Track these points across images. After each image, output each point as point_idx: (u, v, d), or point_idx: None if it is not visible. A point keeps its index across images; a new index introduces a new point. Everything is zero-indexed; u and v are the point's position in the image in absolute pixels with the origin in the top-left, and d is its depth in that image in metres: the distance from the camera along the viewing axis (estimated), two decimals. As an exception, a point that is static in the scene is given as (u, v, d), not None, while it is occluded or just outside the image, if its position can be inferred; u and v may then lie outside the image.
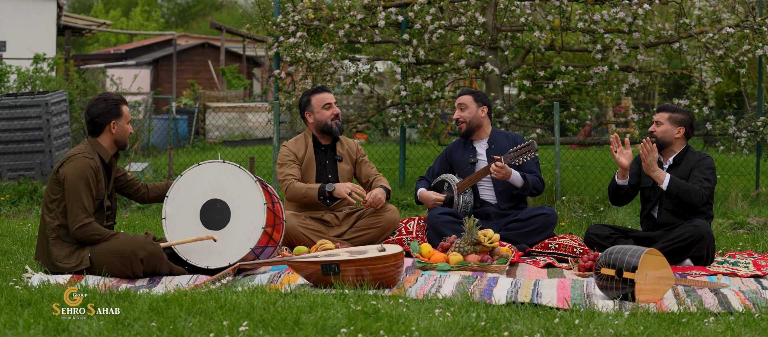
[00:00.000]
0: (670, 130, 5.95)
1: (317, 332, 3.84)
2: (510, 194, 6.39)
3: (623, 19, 9.12)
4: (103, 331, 3.83)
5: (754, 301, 4.57)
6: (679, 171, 5.91)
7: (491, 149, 6.46)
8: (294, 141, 6.42)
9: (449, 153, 6.66)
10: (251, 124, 18.94)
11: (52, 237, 5.21)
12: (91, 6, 46.92)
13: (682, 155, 5.95)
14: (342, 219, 6.30)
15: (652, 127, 6.00)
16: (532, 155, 6.16)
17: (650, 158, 5.76)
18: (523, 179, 6.28)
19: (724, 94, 17.92)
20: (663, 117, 5.96)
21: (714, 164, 5.92)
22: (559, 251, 6.06)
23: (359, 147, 6.54)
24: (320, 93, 6.37)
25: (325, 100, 6.32)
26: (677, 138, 5.95)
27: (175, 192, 5.41)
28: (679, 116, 5.95)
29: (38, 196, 8.98)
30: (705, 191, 5.77)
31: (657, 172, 5.78)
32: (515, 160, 6.17)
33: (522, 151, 6.16)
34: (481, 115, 6.48)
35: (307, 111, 6.37)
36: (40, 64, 12.38)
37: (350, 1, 9.44)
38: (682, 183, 5.76)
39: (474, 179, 6.35)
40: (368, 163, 6.49)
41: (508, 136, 6.55)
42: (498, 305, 4.45)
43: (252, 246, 5.27)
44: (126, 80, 20.25)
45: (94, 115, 5.33)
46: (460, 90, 6.69)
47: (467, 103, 6.48)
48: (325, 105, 6.31)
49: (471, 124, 6.48)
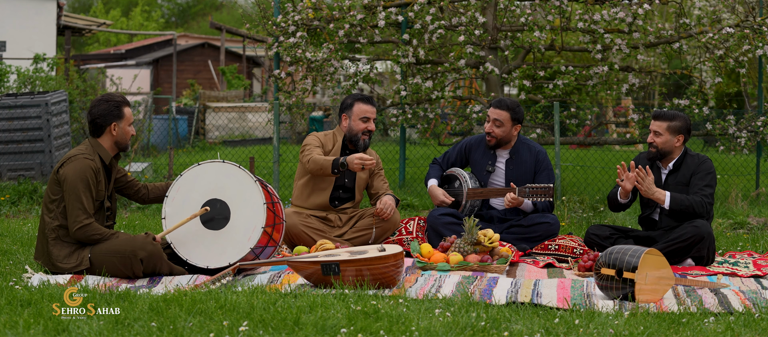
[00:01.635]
0: (670, 140, 5.90)
1: (317, 332, 3.84)
2: (518, 211, 6.37)
3: (623, 19, 9.12)
4: (103, 331, 3.83)
5: (754, 301, 4.57)
6: (679, 176, 5.89)
7: (511, 161, 6.38)
8: (324, 135, 6.39)
9: (468, 148, 6.56)
10: (251, 124, 18.94)
11: (52, 237, 5.21)
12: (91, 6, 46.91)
13: (681, 160, 5.93)
14: (371, 225, 6.24)
15: (651, 137, 5.93)
16: (548, 200, 6.07)
17: (646, 184, 5.74)
18: (533, 205, 6.26)
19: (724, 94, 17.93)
20: (661, 127, 5.89)
21: (713, 167, 5.90)
22: (559, 251, 6.06)
23: (379, 160, 6.51)
24: (365, 104, 6.30)
25: (365, 113, 6.26)
26: (677, 146, 5.93)
27: (175, 192, 5.41)
28: (677, 124, 5.89)
29: (38, 196, 8.98)
30: (707, 199, 5.74)
31: (656, 193, 5.74)
32: (529, 197, 6.09)
33: (538, 191, 6.07)
34: (513, 133, 6.38)
35: (345, 114, 6.33)
36: (40, 64, 12.37)
37: (350, 1, 9.44)
38: (683, 199, 5.72)
39: (486, 194, 6.31)
40: (382, 178, 6.45)
41: (532, 150, 6.41)
42: (498, 305, 4.45)
43: (252, 246, 5.27)
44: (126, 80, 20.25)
45: (96, 116, 5.33)
46: (498, 101, 6.37)
47: (504, 121, 6.31)
48: (364, 117, 6.27)
49: (501, 141, 6.37)
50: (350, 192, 6.34)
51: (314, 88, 9.64)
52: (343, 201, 6.32)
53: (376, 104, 6.40)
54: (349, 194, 6.35)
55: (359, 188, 6.36)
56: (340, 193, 6.33)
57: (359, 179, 6.35)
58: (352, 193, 6.34)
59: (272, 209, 5.40)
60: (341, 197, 6.34)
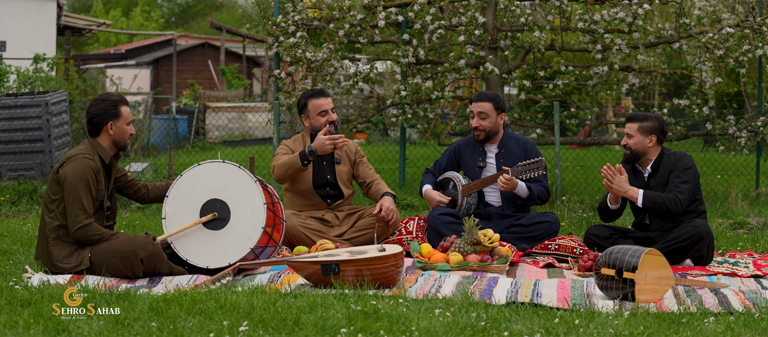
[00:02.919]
0: (642, 141, 5.91)
1: (317, 332, 3.84)
2: (515, 201, 6.37)
3: (623, 19, 9.12)
4: (103, 331, 3.83)
5: (754, 301, 4.57)
6: (659, 177, 5.89)
7: (501, 154, 6.41)
8: (293, 140, 6.40)
9: (458, 151, 6.59)
10: (251, 124, 18.94)
11: (52, 237, 5.21)
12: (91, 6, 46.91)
13: (659, 161, 5.94)
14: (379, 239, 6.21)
15: (624, 140, 5.95)
16: (541, 172, 6.12)
17: (616, 184, 5.76)
18: (528, 190, 6.26)
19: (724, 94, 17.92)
20: (632, 129, 5.91)
21: (691, 162, 5.87)
22: (559, 251, 6.06)
23: (358, 148, 6.51)
24: (317, 98, 6.26)
25: (320, 107, 6.24)
26: (650, 146, 5.93)
27: (175, 192, 5.41)
28: (649, 124, 5.90)
29: (38, 196, 8.98)
30: (681, 195, 5.73)
31: (629, 191, 5.77)
32: (523, 174, 6.12)
33: (531, 167, 6.12)
34: (499, 123, 6.41)
35: (303, 115, 6.33)
36: (40, 64, 12.38)
37: (350, 1, 9.44)
38: (656, 196, 5.74)
39: (480, 184, 6.33)
40: (367, 164, 6.46)
41: (519, 141, 6.46)
42: (498, 305, 4.45)
43: (252, 246, 5.27)
44: (126, 80, 20.25)
45: (93, 115, 5.33)
46: (478, 95, 6.43)
47: (488, 112, 6.35)
48: (321, 112, 6.23)
49: (490, 133, 6.40)
50: (337, 188, 6.34)
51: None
52: (335, 198, 6.31)
53: (329, 93, 6.32)
54: (338, 191, 6.34)
55: (343, 181, 6.33)
56: (328, 190, 6.32)
57: (340, 171, 6.33)
58: (338, 188, 6.33)
59: (272, 209, 5.40)
60: (330, 194, 6.33)
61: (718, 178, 10.67)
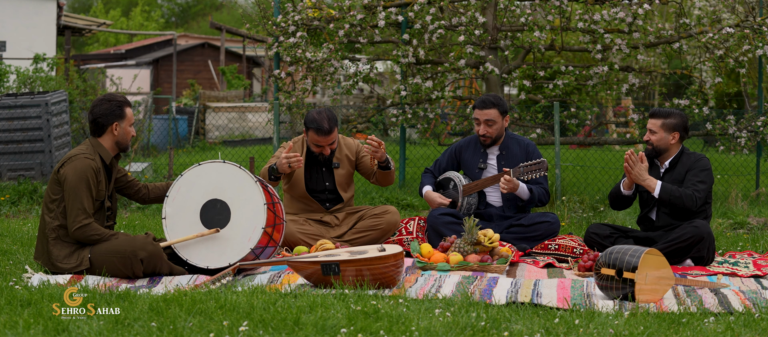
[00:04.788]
0: (665, 138, 5.92)
1: (317, 332, 3.84)
2: (516, 203, 6.37)
3: (623, 19, 9.12)
4: (103, 331, 3.83)
5: (754, 301, 4.57)
6: (675, 174, 5.90)
7: (502, 156, 6.39)
8: (301, 138, 6.37)
9: (458, 151, 6.57)
10: (251, 124, 18.94)
11: (52, 237, 5.21)
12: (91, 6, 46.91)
13: (678, 158, 5.94)
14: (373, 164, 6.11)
15: (647, 135, 5.97)
16: (542, 174, 6.11)
17: (636, 171, 5.76)
18: (529, 192, 6.26)
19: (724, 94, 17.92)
20: (656, 125, 5.93)
21: (709, 165, 5.90)
22: (559, 251, 6.06)
23: (359, 145, 6.47)
24: (318, 134, 6.07)
25: (317, 142, 6.11)
26: (672, 143, 5.94)
27: (175, 192, 5.41)
28: (673, 121, 5.92)
29: (38, 196, 8.98)
30: (698, 194, 5.75)
31: (647, 181, 5.78)
32: (524, 175, 6.12)
33: (532, 168, 6.11)
34: (504, 125, 6.38)
35: (305, 130, 6.21)
36: (40, 64, 12.37)
37: (350, 1, 9.44)
38: (674, 189, 5.75)
39: (481, 185, 6.32)
40: (368, 156, 6.42)
41: (520, 143, 6.43)
42: (498, 305, 4.45)
43: (252, 246, 5.27)
44: (126, 80, 20.25)
45: (97, 116, 5.32)
46: (481, 101, 6.30)
47: (495, 119, 6.29)
48: (316, 144, 6.14)
49: (496, 139, 6.38)
50: (335, 193, 6.32)
51: (314, 88, 9.64)
52: (334, 202, 6.31)
53: (332, 130, 6.09)
54: (336, 195, 6.32)
55: (341, 186, 6.31)
56: (327, 194, 6.31)
57: (339, 175, 6.30)
58: (337, 194, 6.32)
59: (272, 209, 5.40)
60: (329, 198, 6.32)
61: (718, 178, 10.67)
